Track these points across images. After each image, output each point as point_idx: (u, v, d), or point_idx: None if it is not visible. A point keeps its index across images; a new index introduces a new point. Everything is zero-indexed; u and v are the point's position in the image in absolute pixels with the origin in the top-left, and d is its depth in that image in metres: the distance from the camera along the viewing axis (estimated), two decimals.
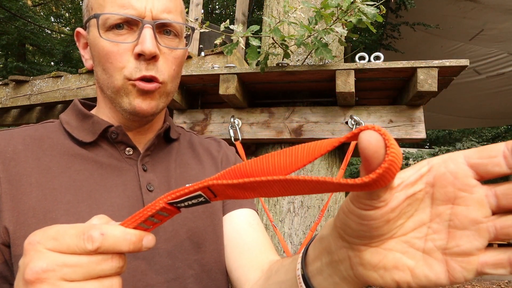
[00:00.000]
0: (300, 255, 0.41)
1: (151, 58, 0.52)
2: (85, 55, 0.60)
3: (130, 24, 0.53)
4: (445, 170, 0.29)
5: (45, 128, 0.57)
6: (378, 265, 0.31)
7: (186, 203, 0.33)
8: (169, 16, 0.54)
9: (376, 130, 0.26)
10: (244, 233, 0.62)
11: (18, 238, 0.47)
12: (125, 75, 0.53)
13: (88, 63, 0.60)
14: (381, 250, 0.31)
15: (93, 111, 0.61)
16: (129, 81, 0.53)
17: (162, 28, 0.54)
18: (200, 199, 0.33)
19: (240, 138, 1.59)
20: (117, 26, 0.52)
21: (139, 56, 0.52)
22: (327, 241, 0.35)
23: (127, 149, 0.57)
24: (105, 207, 0.52)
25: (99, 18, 0.52)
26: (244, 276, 0.58)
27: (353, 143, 1.46)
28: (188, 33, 0.60)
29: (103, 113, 0.59)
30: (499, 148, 0.28)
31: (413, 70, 1.38)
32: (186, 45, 0.59)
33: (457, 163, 0.28)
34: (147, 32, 0.51)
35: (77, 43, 0.62)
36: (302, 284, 0.38)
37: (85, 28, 0.58)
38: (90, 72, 2.59)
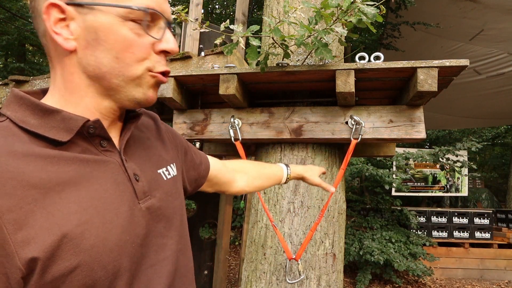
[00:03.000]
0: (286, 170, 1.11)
1: (168, 55, 0.57)
2: (63, 32, 0.52)
3: (154, 19, 0.55)
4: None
5: (2, 134, 0.48)
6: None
7: None
8: (171, 18, 0.58)
9: None
10: (220, 166, 0.96)
11: (62, 246, 0.45)
12: (147, 67, 0.55)
13: (69, 43, 0.52)
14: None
15: (50, 104, 0.53)
16: (150, 73, 0.55)
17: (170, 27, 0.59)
18: None
19: (240, 138, 1.59)
20: (140, 19, 0.53)
21: (161, 53, 0.56)
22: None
23: (102, 142, 0.55)
24: (104, 207, 0.51)
25: (131, 9, 0.51)
26: (231, 179, 0.98)
27: (353, 143, 1.46)
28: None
29: (76, 103, 0.54)
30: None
31: (413, 70, 1.38)
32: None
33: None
34: (169, 33, 0.56)
35: (44, 16, 0.51)
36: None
37: (75, 4, 0.51)
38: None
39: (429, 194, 7.34)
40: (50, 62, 0.56)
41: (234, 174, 0.99)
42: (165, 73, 0.57)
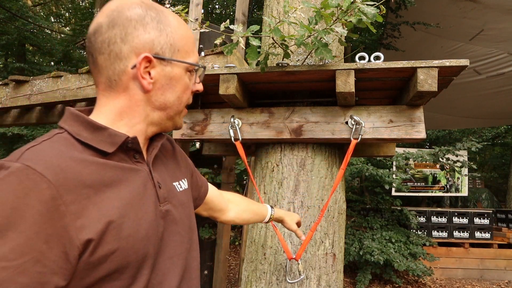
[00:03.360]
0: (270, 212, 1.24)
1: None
2: (147, 77, 0.69)
3: (194, 70, 0.76)
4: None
5: (64, 143, 0.63)
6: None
7: None
8: None
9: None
10: (217, 194, 1.11)
11: (108, 233, 0.59)
12: (187, 103, 0.77)
13: (149, 85, 0.69)
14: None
15: (102, 122, 0.68)
16: (185, 107, 0.77)
17: None
18: None
19: (240, 138, 1.59)
20: (192, 70, 0.75)
21: (193, 91, 0.78)
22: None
23: (135, 154, 0.70)
24: (137, 208, 0.65)
25: (196, 68, 0.75)
26: (224, 207, 1.12)
27: (352, 143, 1.46)
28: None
29: (127, 124, 0.70)
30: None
31: (413, 70, 1.38)
32: None
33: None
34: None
35: (138, 65, 0.67)
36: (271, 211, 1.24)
37: (160, 58, 0.69)
38: (90, 72, 2.59)
39: (429, 194, 7.34)
40: (110, 91, 0.69)
41: (227, 204, 1.14)
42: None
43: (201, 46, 2.87)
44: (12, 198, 0.52)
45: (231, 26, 1.35)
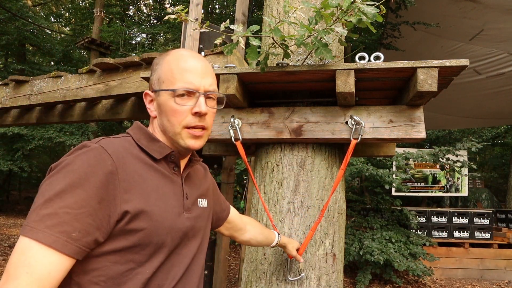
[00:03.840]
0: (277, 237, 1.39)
1: (203, 115, 0.86)
2: (151, 107, 0.91)
3: (190, 94, 0.85)
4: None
5: (128, 142, 0.84)
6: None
7: None
8: (213, 88, 0.89)
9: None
10: (238, 217, 1.31)
11: (142, 213, 0.76)
12: (183, 125, 0.85)
13: (153, 113, 0.91)
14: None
15: (157, 136, 0.89)
16: (186, 129, 0.86)
17: (209, 96, 0.88)
18: None
19: (240, 138, 1.59)
20: (182, 95, 0.85)
21: (196, 114, 0.85)
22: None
23: (174, 167, 0.89)
24: (167, 205, 0.82)
25: (175, 91, 0.84)
26: (243, 228, 1.31)
27: (352, 143, 1.46)
28: (221, 96, 0.96)
29: (162, 139, 0.90)
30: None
31: (413, 70, 1.38)
32: (218, 103, 0.94)
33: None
34: (202, 100, 0.86)
35: (144, 100, 0.92)
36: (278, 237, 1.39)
37: (153, 91, 0.89)
38: (90, 72, 2.59)
39: (429, 194, 7.34)
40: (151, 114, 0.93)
41: (246, 226, 1.32)
42: (196, 127, 0.86)
43: (201, 46, 2.87)
44: (86, 165, 0.72)
45: (231, 26, 1.35)
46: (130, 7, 13.45)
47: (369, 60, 1.45)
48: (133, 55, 7.48)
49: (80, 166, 0.72)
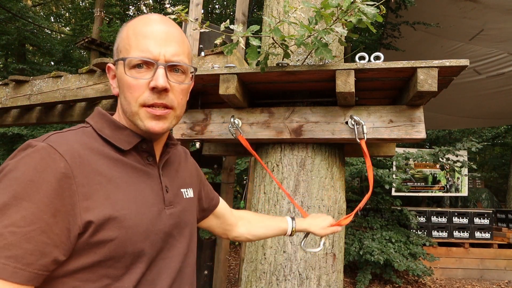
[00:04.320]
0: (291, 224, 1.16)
1: (163, 91, 0.70)
2: (113, 83, 0.77)
3: (148, 64, 0.70)
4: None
5: (87, 135, 0.70)
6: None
7: None
8: (178, 58, 0.72)
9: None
10: (229, 211, 1.14)
11: (110, 221, 0.63)
12: (139, 103, 0.70)
13: (115, 90, 0.77)
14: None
15: (119, 120, 0.76)
16: (144, 107, 0.71)
17: (172, 67, 0.72)
18: None
19: (242, 133, 1.58)
20: (138, 65, 0.70)
21: (153, 89, 0.70)
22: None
23: (148, 157, 0.76)
24: (142, 205, 0.70)
25: (125, 60, 0.70)
26: (234, 222, 1.13)
27: (363, 143, 1.46)
28: (192, 70, 0.78)
29: (129, 126, 0.75)
30: None
31: (413, 70, 1.38)
32: (191, 79, 0.78)
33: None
34: (160, 72, 0.69)
35: (107, 74, 0.79)
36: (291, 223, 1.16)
37: (114, 64, 0.75)
38: (90, 72, 2.59)
39: (429, 194, 7.34)
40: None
41: (237, 221, 1.15)
42: (155, 105, 0.71)
43: (201, 46, 2.87)
44: (32, 171, 0.58)
45: (231, 26, 1.35)
46: (130, 7, 13.46)
47: (369, 60, 1.45)
48: None
49: (25, 173, 0.58)
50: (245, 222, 1.15)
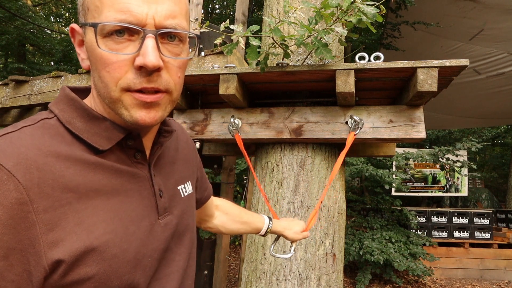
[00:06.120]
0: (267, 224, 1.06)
1: (154, 71, 0.49)
2: (81, 53, 0.55)
3: (131, 32, 0.48)
4: None
5: (49, 132, 0.50)
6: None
7: None
8: (174, 22, 0.50)
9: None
10: (211, 200, 0.94)
11: (87, 254, 0.47)
12: (122, 87, 0.49)
13: (84, 63, 0.55)
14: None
15: (93, 106, 0.56)
16: (128, 92, 0.50)
17: (165, 34, 0.51)
18: None
19: (239, 133, 1.58)
20: (117, 32, 0.48)
21: (141, 68, 0.49)
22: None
23: (136, 154, 0.57)
24: (129, 222, 0.53)
25: (96, 27, 0.48)
26: (212, 213, 0.97)
27: (351, 135, 1.46)
28: (192, 36, 0.55)
29: (108, 114, 0.55)
30: None
31: (413, 70, 1.38)
32: (190, 47, 0.57)
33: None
34: (149, 43, 0.48)
35: (72, 39, 0.55)
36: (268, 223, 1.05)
37: (80, 26, 0.53)
38: (90, 72, 2.59)
39: (429, 194, 7.34)
40: None
41: (214, 211, 0.98)
42: (144, 90, 0.50)
43: (201, 46, 2.87)
44: None
45: (231, 26, 1.35)
46: None
47: (369, 60, 1.45)
48: None
49: None
50: (222, 214, 1.01)
